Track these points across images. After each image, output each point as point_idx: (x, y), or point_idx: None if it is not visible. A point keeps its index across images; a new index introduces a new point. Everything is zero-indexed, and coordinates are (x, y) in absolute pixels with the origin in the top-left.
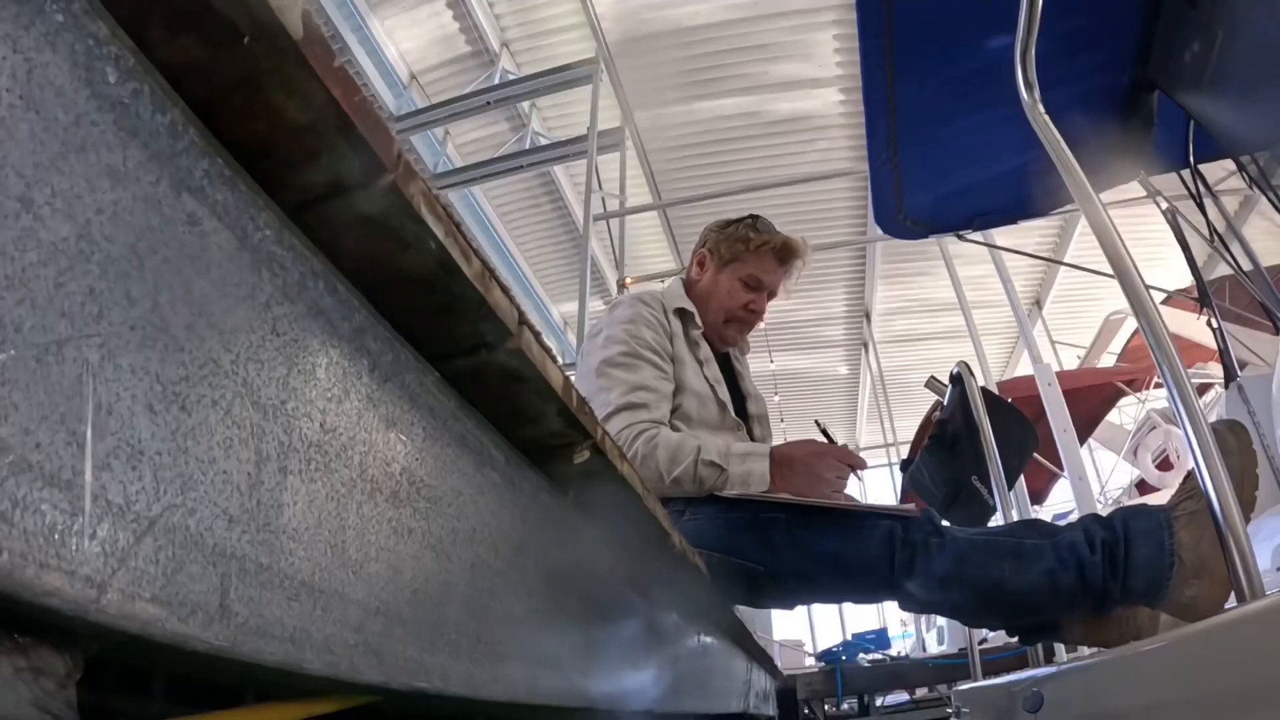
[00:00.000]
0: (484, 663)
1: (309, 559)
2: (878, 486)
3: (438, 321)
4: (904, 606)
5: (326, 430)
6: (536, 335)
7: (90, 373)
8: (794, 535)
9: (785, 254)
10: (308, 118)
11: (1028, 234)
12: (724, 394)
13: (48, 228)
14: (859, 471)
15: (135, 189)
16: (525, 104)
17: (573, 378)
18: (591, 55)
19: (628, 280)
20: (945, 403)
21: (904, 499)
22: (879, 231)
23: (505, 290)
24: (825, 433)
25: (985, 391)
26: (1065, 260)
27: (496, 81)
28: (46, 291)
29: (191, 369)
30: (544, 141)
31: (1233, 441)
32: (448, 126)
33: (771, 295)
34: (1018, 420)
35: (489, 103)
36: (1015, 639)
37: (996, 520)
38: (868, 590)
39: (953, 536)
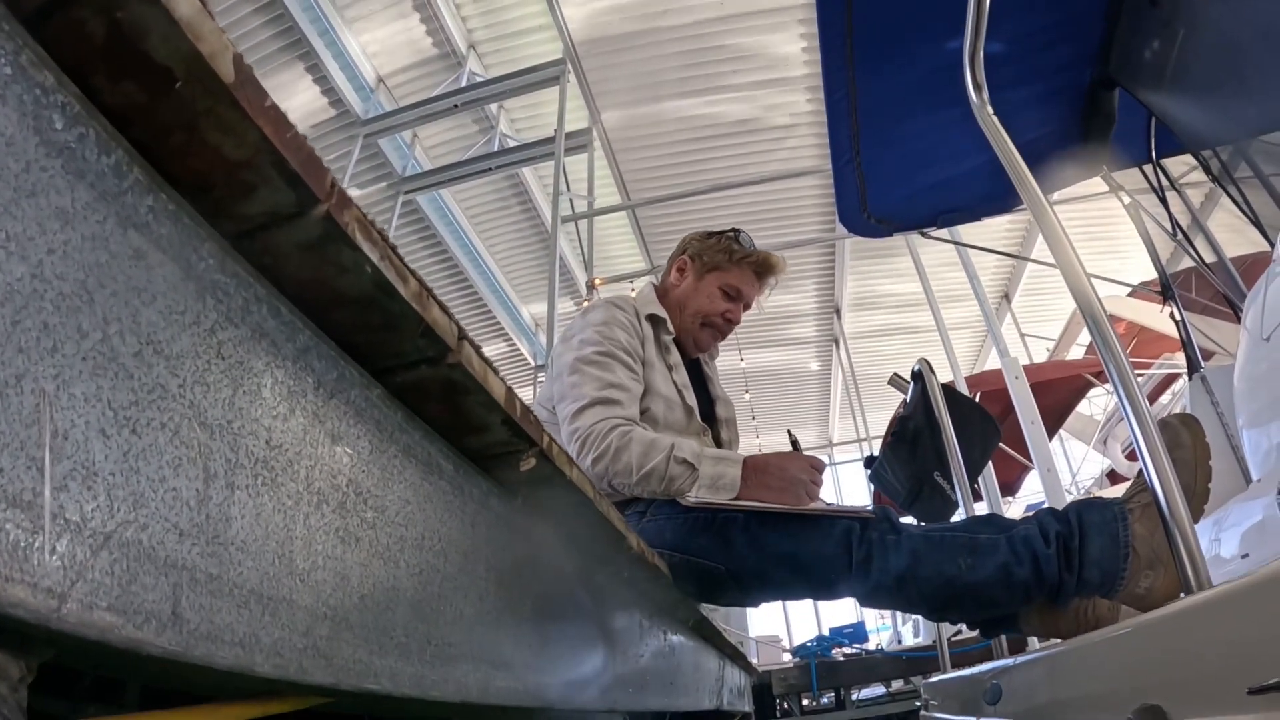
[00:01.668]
0: (434, 664)
1: (257, 568)
2: (851, 482)
3: (380, 338)
4: (864, 603)
5: (273, 446)
6: (477, 349)
7: (47, 402)
8: (752, 535)
9: (764, 269)
10: (243, 155)
11: (995, 229)
12: (691, 399)
13: (3, 270)
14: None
15: (84, 228)
16: (493, 106)
17: (535, 388)
18: (559, 56)
19: (597, 280)
20: (907, 399)
21: (875, 498)
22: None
23: (444, 308)
24: (794, 442)
25: (947, 388)
26: (1032, 255)
27: (464, 84)
28: (4, 329)
29: (141, 394)
30: (512, 143)
31: (1186, 436)
32: (416, 129)
33: (747, 307)
34: (979, 415)
35: (456, 105)
36: (976, 632)
37: (959, 515)
38: (826, 588)
39: (908, 534)
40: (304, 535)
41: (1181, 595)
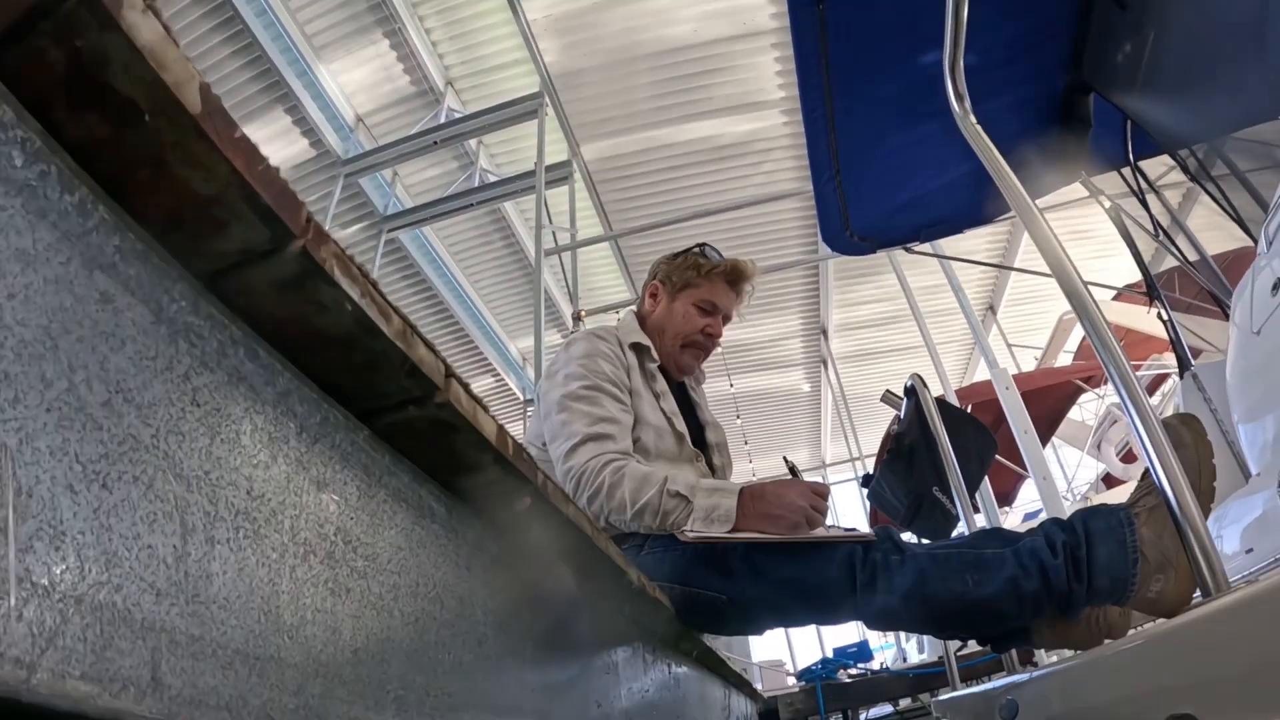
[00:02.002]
0: (435, 715)
1: (241, 626)
2: (845, 503)
3: (364, 379)
4: (871, 626)
5: (254, 496)
6: (466, 387)
7: (8, 457)
8: (753, 562)
9: (735, 276)
10: (213, 189)
11: (977, 241)
12: (681, 425)
13: None
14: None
15: (46, 271)
16: (472, 141)
17: (524, 423)
18: (536, 90)
19: (583, 312)
20: (901, 415)
21: (872, 515)
22: (830, 249)
23: (429, 345)
24: (792, 469)
25: (941, 401)
26: (1015, 264)
27: (442, 120)
28: None
29: (111, 446)
30: (493, 178)
31: (1187, 435)
32: (396, 167)
33: (726, 319)
34: (974, 427)
35: (436, 142)
36: (987, 648)
37: (960, 529)
38: (831, 612)
39: (912, 552)
40: (291, 589)
41: (1196, 595)
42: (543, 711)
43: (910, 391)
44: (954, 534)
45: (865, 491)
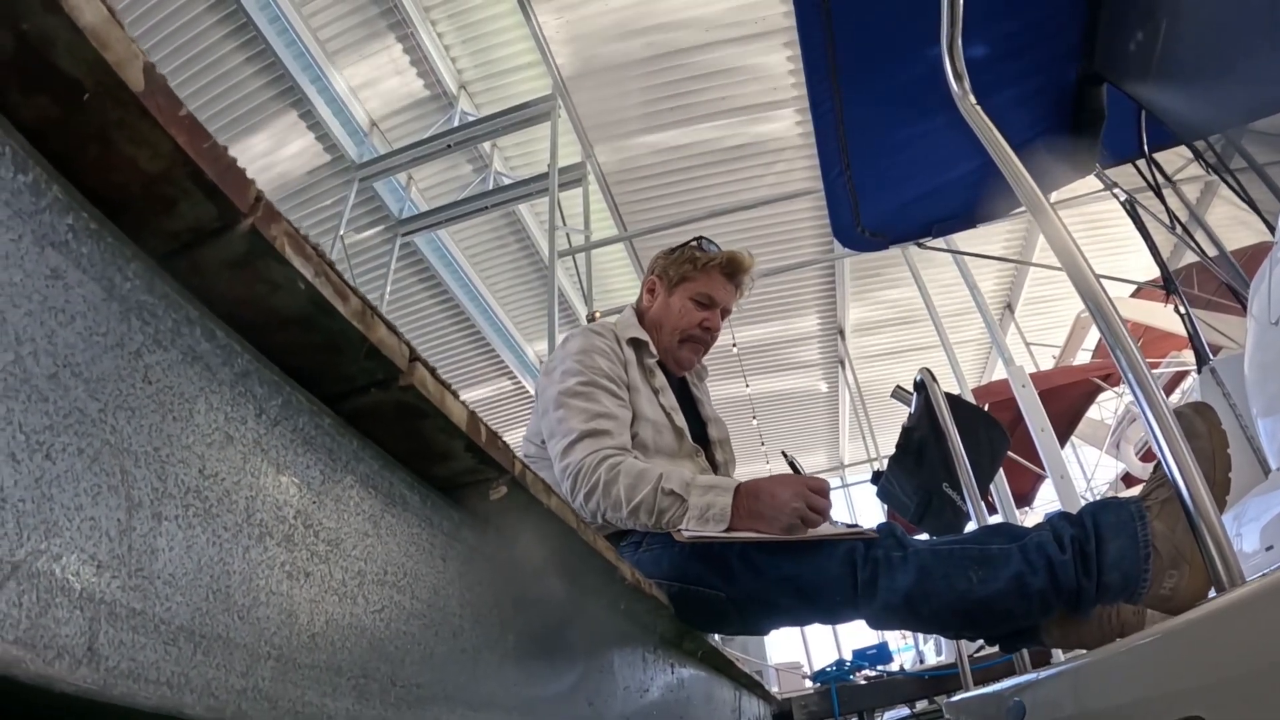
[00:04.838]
0: (400, 706)
1: (188, 604)
2: (865, 503)
3: (325, 361)
4: (874, 625)
5: (207, 475)
6: (432, 370)
7: None
8: (750, 560)
9: (733, 268)
10: (159, 167)
11: (993, 237)
12: (680, 421)
13: None
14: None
15: None
16: (486, 145)
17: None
18: (548, 92)
19: (597, 314)
20: (912, 411)
21: (890, 517)
22: (843, 246)
23: (392, 327)
24: (792, 464)
25: (951, 396)
26: (1033, 260)
27: (456, 124)
28: None
29: (55, 418)
30: (507, 181)
31: (1201, 424)
32: (410, 171)
33: (725, 313)
34: (986, 422)
35: (450, 145)
36: (996, 648)
37: (972, 526)
38: (831, 611)
39: (915, 549)
40: (243, 569)
41: (1211, 593)
42: (526, 708)
43: (920, 386)
44: (965, 531)
45: (875, 489)
